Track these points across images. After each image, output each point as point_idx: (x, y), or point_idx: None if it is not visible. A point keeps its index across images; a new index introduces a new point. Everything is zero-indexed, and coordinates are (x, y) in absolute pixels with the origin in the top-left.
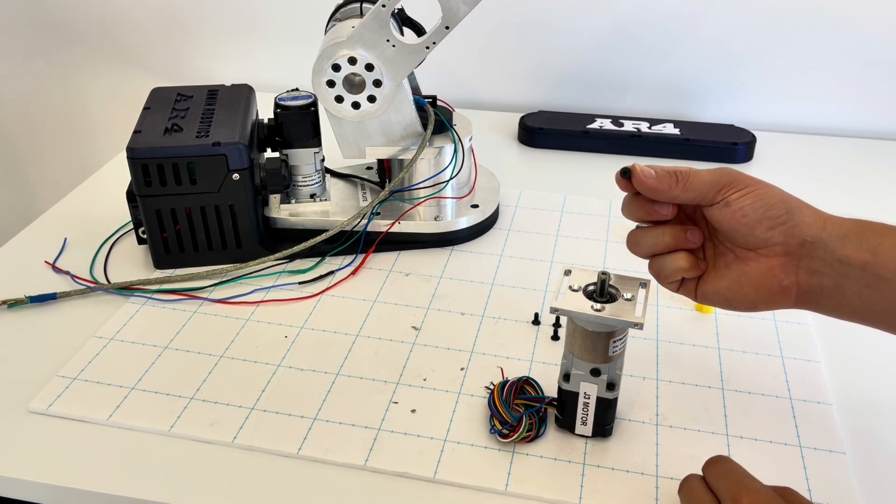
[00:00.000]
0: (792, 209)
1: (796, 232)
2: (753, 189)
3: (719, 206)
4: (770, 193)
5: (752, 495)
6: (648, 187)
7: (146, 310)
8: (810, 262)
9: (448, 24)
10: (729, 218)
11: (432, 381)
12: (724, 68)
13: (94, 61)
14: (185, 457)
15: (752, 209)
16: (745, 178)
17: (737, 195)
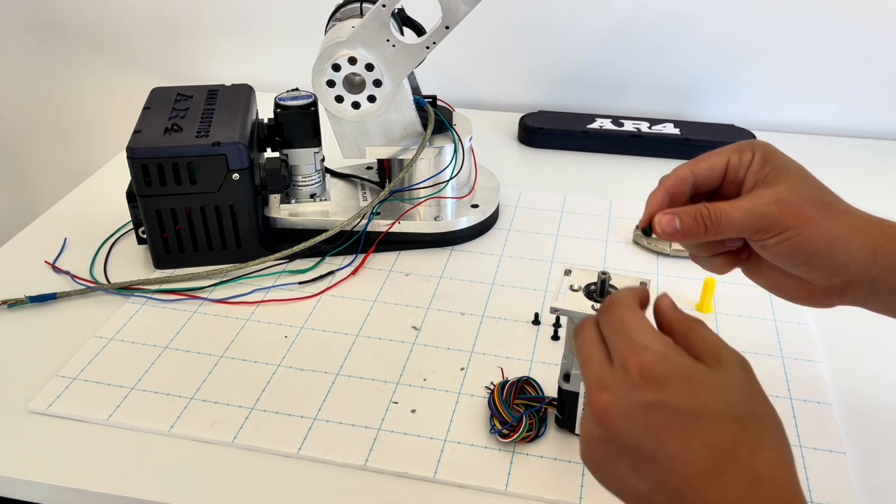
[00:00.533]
0: (837, 250)
1: (842, 272)
2: (793, 235)
3: (757, 244)
4: (813, 238)
5: (640, 356)
6: (677, 239)
7: (146, 310)
8: (857, 292)
9: (448, 24)
10: (768, 255)
11: (432, 381)
12: (724, 68)
13: (95, 61)
14: (185, 457)
15: (791, 256)
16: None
17: (774, 241)
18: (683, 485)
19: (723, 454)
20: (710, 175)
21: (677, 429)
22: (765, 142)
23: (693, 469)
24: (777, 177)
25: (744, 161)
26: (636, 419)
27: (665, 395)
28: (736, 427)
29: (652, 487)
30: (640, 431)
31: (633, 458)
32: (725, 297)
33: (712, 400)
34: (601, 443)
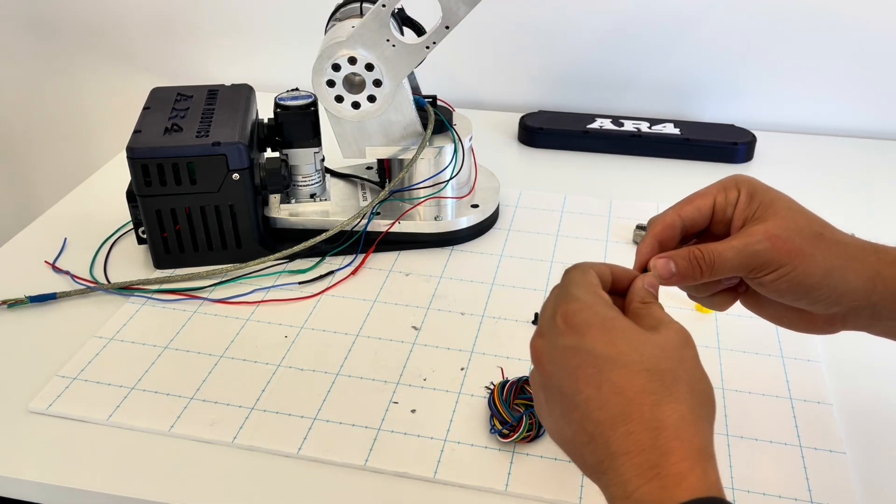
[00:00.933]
0: (835, 282)
1: (842, 302)
2: (789, 270)
3: (753, 282)
4: (809, 272)
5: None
6: (673, 283)
7: (146, 310)
8: (859, 319)
9: (448, 24)
10: (765, 291)
11: (432, 381)
12: (724, 68)
13: (95, 61)
14: (185, 457)
15: (788, 291)
16: (778, 255)
17: (771, 278)
18: (596, 430)
19: (629, 402)
20: (698, 217)
21: (591, 373)
22: (748, 177)
23: (603, 414)
24: (765, 212)
25: (730, 200)
26: (559, 362)
27: (583, 340)
28: (646, 377)
29: (575, 433)
30: (563, 375)
31: (561, 402)
32: None
33: (627, 349)
34: (540, 388)
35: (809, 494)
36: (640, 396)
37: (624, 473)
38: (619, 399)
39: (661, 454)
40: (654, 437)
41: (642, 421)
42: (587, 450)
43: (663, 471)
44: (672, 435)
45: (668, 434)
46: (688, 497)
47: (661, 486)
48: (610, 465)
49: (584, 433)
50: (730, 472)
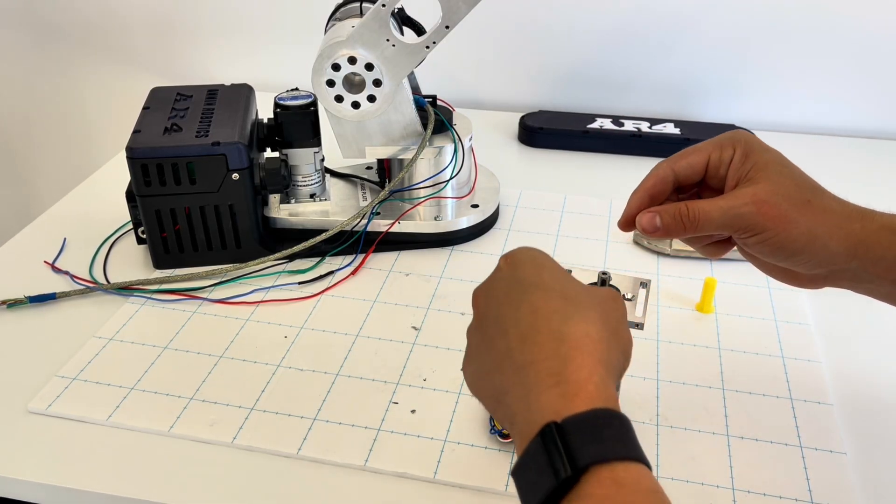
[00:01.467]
0: (817, 248)
1: (824, 265)
2: (772, 235)
3: (739, 241)
4: (791, 237)
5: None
6: (658, 236)
7: (146, 310)
8: (840, 280)
9: (448, 24)
10: (750, 251)
11: (432, 381)
12: (724, 68)
13: (94, 61)
14: (185, 457)
15: (771, 254)
16: (763, 220)
17: (754, 241)
18: (508, 346)
19: (541, 318)
20: (691, 173)
21: (514, 297)
22: (746, 134)
23: (516, 330)
24: (758, 173)
25: (724, 158)
26: (491, 294)
27: (516, 271)
28: (561, 300)
29: (492, 358)
30: (491, 304)
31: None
32: (725, 297)
33: (552, 280)
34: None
35: (810, 495)
36: (551, 314)
37: (527, 384)
38: (532, 317)
39: (561, 361)
40: (556, 346)
41: (549, 333)
42: (497, 370)
43: (563, 378)
44: (573, 346)
45: (570, 344)
46: (585, 407)
47: (560, 393)
48: (515, 381)
49: (498, 354)
50: (730, 472)
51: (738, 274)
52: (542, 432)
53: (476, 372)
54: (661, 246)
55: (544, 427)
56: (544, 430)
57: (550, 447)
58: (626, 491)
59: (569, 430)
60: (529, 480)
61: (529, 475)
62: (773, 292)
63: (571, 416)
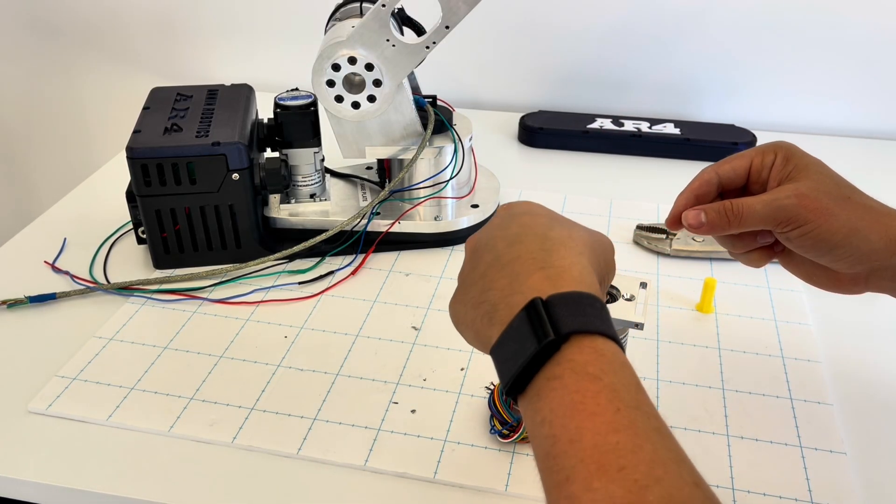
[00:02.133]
0: (857, 241)
1: (864, 261)
2: (814, 227)
3: (781, 236)
4: (832, 230)
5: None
6: (703, 232)
7: (146, 310)
8: (881, 279)
9: (448, 24)
10: (793, 246)
11: (432, 381)
12: (724, 68)
13: (94, 61)
14: (185, 457)
15: (813, 248)
16: (804, 212)
17: (797, 233)
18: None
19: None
20: (734, 177)
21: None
22: (787, 143)
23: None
24: (799, 174)
25: (766, 162)
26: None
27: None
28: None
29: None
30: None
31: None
32: (725, 297)
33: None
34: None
35: (810, 495)
36: (536, 225)
37: (511, 274)
38: (520, 229)
39: (546, 252)
40: (542, 243)
41: (534, 235)
42: (481, 278)
43: (547, 264)
44: (558, 241)
45: (554, 242)
46: (568, 288)
47: (544, 276)
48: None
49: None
50: (730, 472)
51: (738, 274)
52: (527, 307)
53: (461, 302)
54: (662, 246)
55: (529, 302)
56: (529, 305)
57: (534, 318)
58: (605, 360)
59: (554, 303)
60: (510, 351)
61: (511, 346)
62: (773, 292)
63: (556, 294)
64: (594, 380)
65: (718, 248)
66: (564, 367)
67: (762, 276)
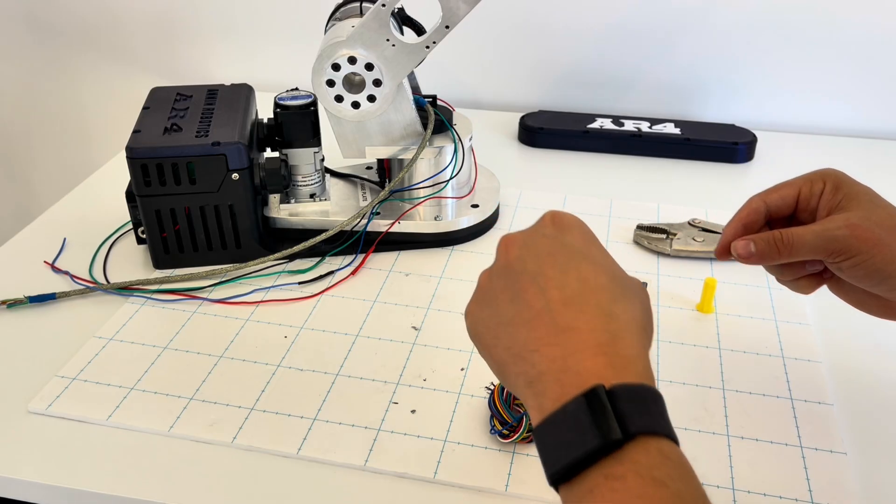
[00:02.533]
0: None
1: None
2: (867, 258)
3: (832, 266)
4: (886, 260)
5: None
6: (752, 262)
7: (146, 310)
8: None
9: (448, 24)
10: (845, 276)
11: (432, 381)
12: (724, 68)
13: (94, 61)
14: (185, 457)
15: (865, 277)
16: (856, 243)
17: (848, 264)
18: (547, 306)
19: (589, 290)
20: (782, 205)
21: (561, 259)
22: (835, 171)
23: (560, 293)
24: (850, 203)
25: (815, 191)
26: (531, 247)
27: (563, 234)
28: (609, 279)
29: (518, 311)
30: (530, 258)
31: (514, 284)
32: (725, 297)
33: (600, 255)
34: (495, 276)
35: (810, 495)
36: (599, 290)
37: (567, 346)
38: (580, 286)
39: (611, 337)
40: (606, 322)
41: (598, 308)
42: (526, 327)
43: (612, 350)
44: (623, 327)
45: (620, 325)
46: (636, 380)
47: (608, 363)
48: (549, 341)
49: (530, 310)
50: (730, 472)
51: (738, 274)
52: (588, 393)
53: (490, 319)
54: (662, 246)
55: (591, 388)
56: (591, 392)
57: (596, 409)
58: (671, 465)
59: (619, 396)
60: (563, 437)
61: (563, 432)
62: (773, 292)
63: (622, 384)
64: (660, 486)
65: None
66: (627, 468)
67: (762, 276)
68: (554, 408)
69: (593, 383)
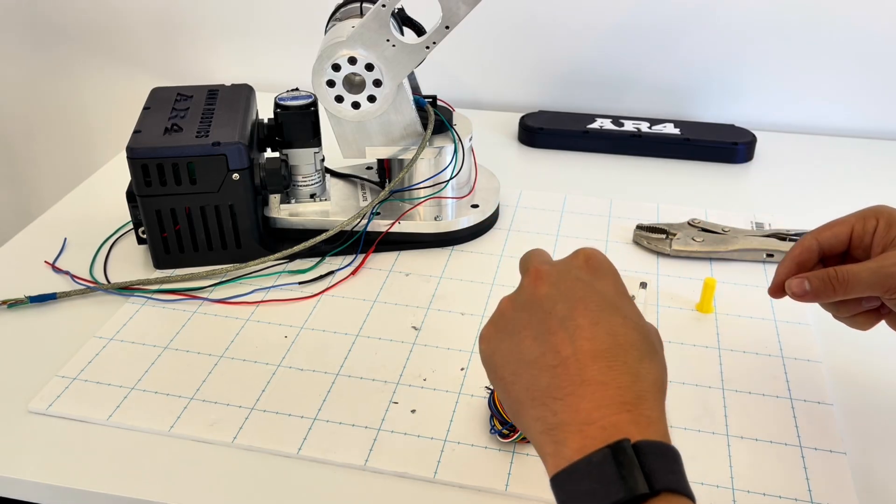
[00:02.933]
0: None
1: None
2: None
3: (890, 302)
4: None
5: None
6: (808, 300)
7: (146, 310)
8: None
9: (448, 24)
10: None
11: (432, 381)
12: (724, 68)
13: (94, 61)
14: (185, 457)
15: None
16: None
17: None
18: (574, 356)
19: (619, 346)
20: (835, 243)
21: (593, 308)
22: (888, 207)
23: (590, 345)
24: None
25: (868, 228)
26: (563, 287)
27: (597, 280)
28: (639, 336)
29: (542, 354)
30: (561, 299)
31: (540, 323)
32: (725, 297)
33: (630, 308)
34: (519, 308)
35: (809, 495)
36: (629, 347)
37: (593, 400)
38: (610, 339)
39: (636, 396)
40: (633, 381)
41: (626, 365)
42: (550, 372)
43: (636, 409)
44: (647, 388)
45: (646, 385)
46: (658, 438)
47: (633, 420)
48: (574, 392)
49: (556, 356)
50: (730, 472)
51: (738, 274)
52: (614, 446)
53: (510, 353)
54: (661, 246)
55: (618, 441)
56: (618, 445)
57: (623, 463)
58: None
59: (645, 451)
60: (585, 488)
61: (586, 483)
62: None
63: (647, 441)
64: None
65: (718, 248)
66: None
67: (762, 276)
68: (576, 457)
69: (619, 437)
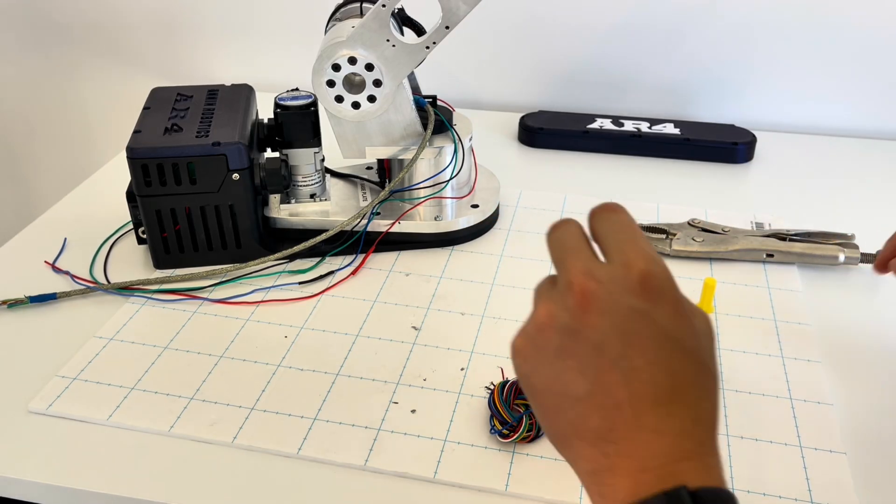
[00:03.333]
0: None
1: None
2: None
3: None
4: None
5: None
6: None
7: (146, 310)
8: None
9: (448, 24)
10: None
11: (432, 381)
12: (724, 68)
13: (94, 61)
14: (185, 457)
15: None
16: None
17: None
18: (630, 400)
19: (678, 389)
20: None
21: (649, 346)
22: None
23: (647, 389)
24: None
25: None
26: (615, 319)
27: (654, 309)
28: (697, 370)
29: (591, 393)
30: (613, 333)
31: (588, 357)
32: (725, 297)
33: (689, 335)
34: (561, 331)
35: (809, 495)
36: (689, 387)
37: (650, 450)
38: (669, 381)
39: (698, 443)
40: (692, 426)
41: (687, 409)
42: (601, 414)
43: (696, 457)
44: (707, 432)
45: (705, 429)
46: (714, 483)
47: (692, 468)
48: (629, 437)
49: (609, 398)
50: (730, 472)
51: (738, 274)
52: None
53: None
54: (661, 246)
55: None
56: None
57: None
58: None
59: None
60: None
61: None
62: (773, 292)
63: (705, 488)
64: None
65: (718, 248)
66: None
67: (762, 276)
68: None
69: (674, 484)
